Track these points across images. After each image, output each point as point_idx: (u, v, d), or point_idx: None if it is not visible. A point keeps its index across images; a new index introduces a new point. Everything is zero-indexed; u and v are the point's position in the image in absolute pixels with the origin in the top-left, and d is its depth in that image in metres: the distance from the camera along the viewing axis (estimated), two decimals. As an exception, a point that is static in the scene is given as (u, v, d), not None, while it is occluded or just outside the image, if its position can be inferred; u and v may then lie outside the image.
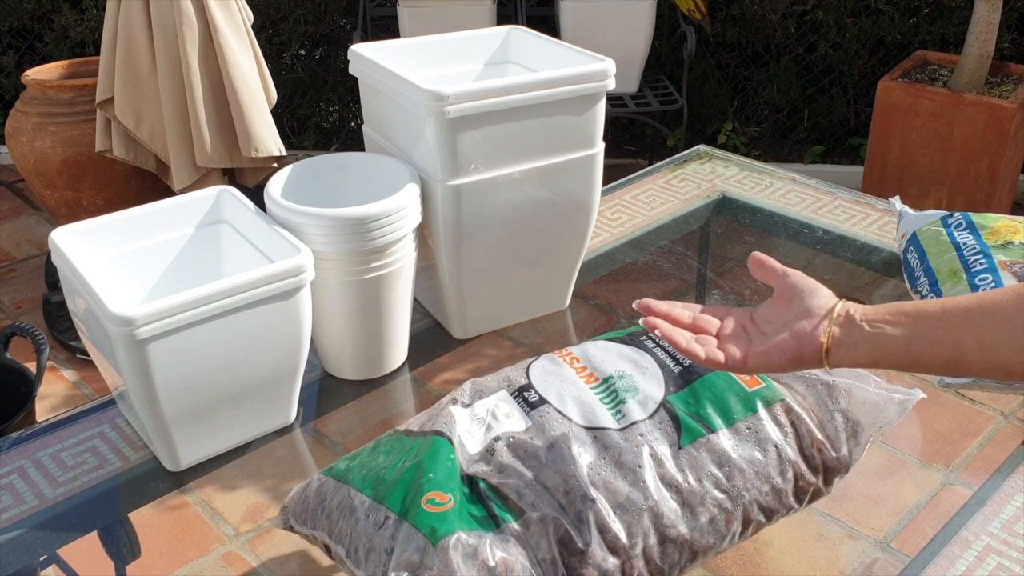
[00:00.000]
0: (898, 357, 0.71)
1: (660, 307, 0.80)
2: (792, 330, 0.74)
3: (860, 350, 0.72)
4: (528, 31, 1.32)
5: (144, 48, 2.35)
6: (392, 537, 0.74)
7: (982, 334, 0.68)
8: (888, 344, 0.71)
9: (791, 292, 0.77)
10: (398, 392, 1.17)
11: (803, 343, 0.73)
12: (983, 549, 0.89)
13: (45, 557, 0.92)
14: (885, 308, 0.73)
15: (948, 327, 0.69)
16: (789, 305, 0.76)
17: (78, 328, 1.05)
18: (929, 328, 0.70)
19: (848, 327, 0.72)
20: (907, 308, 0.72)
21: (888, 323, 0.71)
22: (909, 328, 0.70)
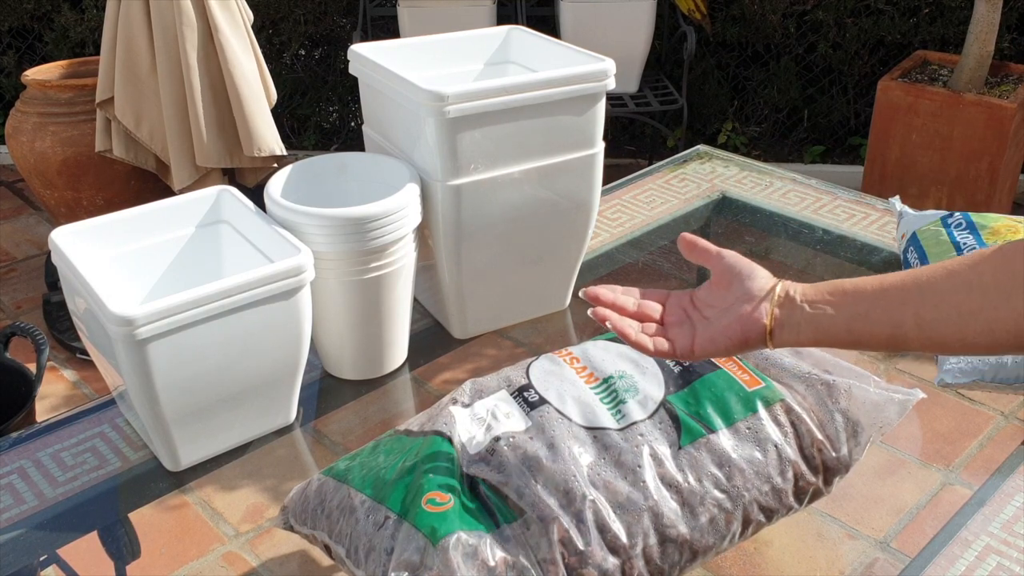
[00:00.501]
0: (839, 337, 0.73)
1: (607, 296, 0.81)
2: (736, 315, 0.75)
3: (803, 331, 0.73)
4: (528, 31, 1.32)
5: (144, 48, 2.35)
6: (392, 537, 0.74)
7: (920, 312, 0.69)
8: (829, 324, 0.72)
9: (729, 275, 0.77)
10: (398, 392, 1.17)
11: (747, 327, 0.74)
12: (983, 549, 0.89)
13: (45, 557, 0.92)
14: (824, 288, 0.73)
15: (886, 306, 0.70)
16: (728, 288, 0.77)
17: (78, 328, 1.05)
18: (868, 307, 0.71)
19: (789, 308, 0.73)
20: (846, 287, 0.72)
21: (828, 303, 0.72)
22: (848, 308, 0.72)
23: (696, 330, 0.77)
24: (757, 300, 0.75)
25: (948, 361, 1.09)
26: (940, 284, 0.69)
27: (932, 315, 0.68)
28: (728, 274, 0.77)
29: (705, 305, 0.78)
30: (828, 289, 0.73)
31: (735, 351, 0.76)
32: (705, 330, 0.76)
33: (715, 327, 0.76)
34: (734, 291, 0.76)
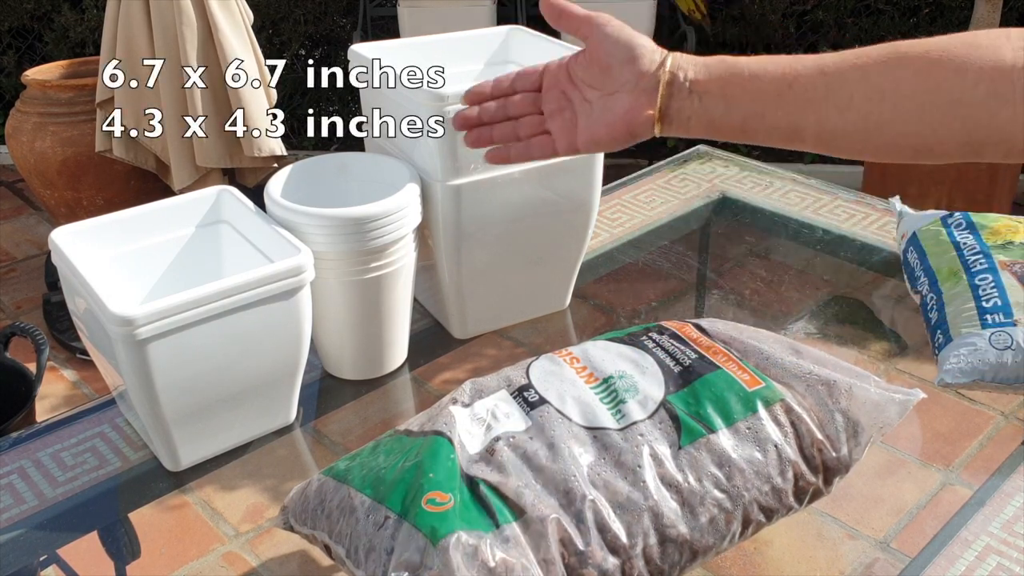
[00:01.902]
0: (731, 133, 0.68)
1: (483, 89, 0.76)
2: (620, 107, 0.69)
3: (692, 124, 0.69)
4: (528, 31, 1.32)
5: (144, 48, 2.35)
6: (392, 537, 0.74)
7: (823, 118, 0.64)
8: (721, 120, 0.67)
9: (610, 54, 0.70)
10: (398, 392, 1.17)
11: (632, 120, 0.69)
12: (983, 549, 0.89)
13: (45, 557, 0.92)
14: (719, 74, 0.67)
15: (788, 109, 0.65)
16: (609, 72, 0.70)
17: (78, 328, 1.05)
18: (765, 107, 0.66)
19: (679, 99, 0.68)
20: (744, 78, 0.66)
21: (723, 97, 0.67)
22: (745, 106, 0.66)
23: (578, 119, 0.71)
24: (642, 91, 0.69)
25: (948, 361, 1.09)
26: (850, 87, 0.63)
27: (836, 123, 0.63)
28: (608, 53, 0.70)
29: (586, 86, 0.72)
30: (723, 77, 0.67)
31: (621, 145, 0.71)
32: (588, 122, 0.71)
33: (598, 120, 0.70)
34: (616, 76, 0.70)
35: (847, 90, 0.63)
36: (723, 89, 0.67)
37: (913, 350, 1.21)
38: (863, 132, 0.63)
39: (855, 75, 0.63)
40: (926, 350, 1.18)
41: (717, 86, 0.67)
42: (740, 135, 0.68)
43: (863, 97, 0.62)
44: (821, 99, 0.64)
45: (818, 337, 1.24)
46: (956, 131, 0.61)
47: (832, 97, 0.63)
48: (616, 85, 0.70)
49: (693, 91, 0.68)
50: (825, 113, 0.63)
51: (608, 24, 0.71)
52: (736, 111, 0.67)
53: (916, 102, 0.61)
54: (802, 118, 0.64)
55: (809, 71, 0.64)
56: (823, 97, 0.64)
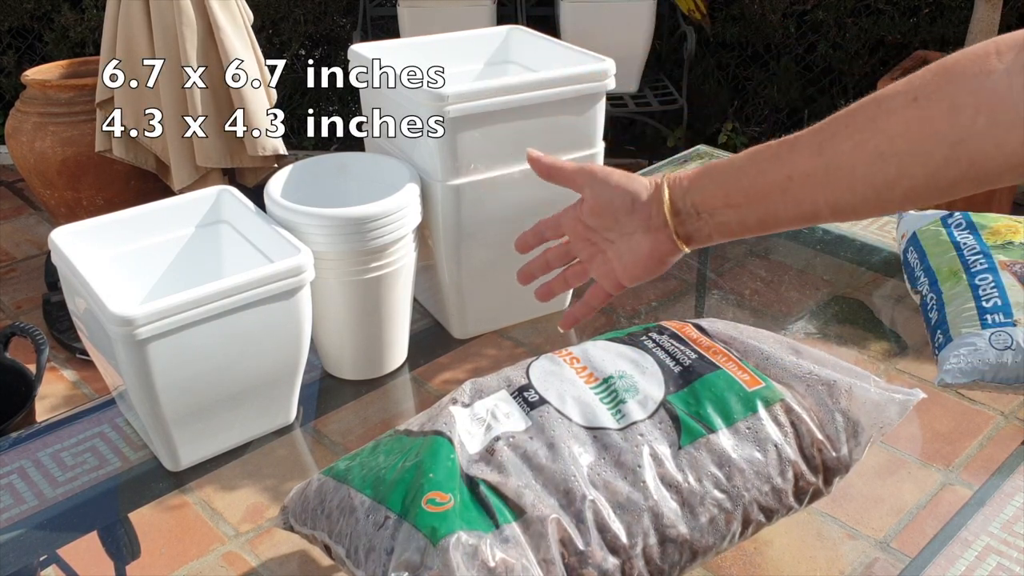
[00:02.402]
0: (751, 232, 0.69)
1: (535, 269, 0.81)
2: (641, 246, 0.72)
3: (716, 237, 0.70)
4: (528, 31, 1.32)
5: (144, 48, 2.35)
6: (392, 537, 0.73)
7: (832, 198, 0.63)
8: (738, 227, 0.69)
9: (610, 207, 0.73)
10: (398, 392, 1.17)
11: (661, 254, 0.72)
12: (983, 549, 0.89)
13: (45, 557, 0.92)
14: (721, 190, 0.68)
15: (796, 199, 0.65)
16: (615, 220, 0.73)
17: (78, 328, 1.05)
18: (775, 205, 0.66)
19: (692, 223, 0.70)
20: (745, 188, 0.66)
21: (732, 208, 0.68)
22: (755, 209, 0.67)
23: (613, 263, 0.74)
24: (655, 228, 0.71)
25: (948, 361, 1.09)
26: (848, 159, 0.61)
27: (846, 197, 0.62)
28: (609, 204, 0.73)
29: (604, 231, 0.74)
30: (723, 189, 0.67)
31: (660, 272, 0.74)
32: (621, 263, 0.73)
33: (630, 261, 0.73)
34: (625, 223, 0.72)
35: (846, 164, 0.61)
36: (727, 201, 0.67)
37: (913, 350, 1.21)
38: (875, 196, 0.61)
39: (848, 146, 0.61)
40: (926, 350, 1.18)
41: (721, 201, 0.68)
42: (764, 230, 0.68)
43: (864, 166, 0.61)
44: (823, 181, 0.63)
45: (818, 337, 1.24)
46: (966, 169, 0.58)
47: (833, 175, 0.62)
48: (630, 229, 0.72)
49: (701, 212, 0.69)
50: (833, 192, 0.63)
51: (597, 175, 0.73)
52: (749, 216, 0.67)
53: (917, 154, 0.59)
54: (813, 204, 0.64)
55: (804, 157, 0.63)
56: (825, 179, 0.62)
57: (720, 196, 0.68)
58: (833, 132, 0.62)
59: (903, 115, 0.59)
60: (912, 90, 0.59)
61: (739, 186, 0.67)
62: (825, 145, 0.62)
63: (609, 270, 0.75)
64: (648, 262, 0.73)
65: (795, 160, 0.64)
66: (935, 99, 0.58)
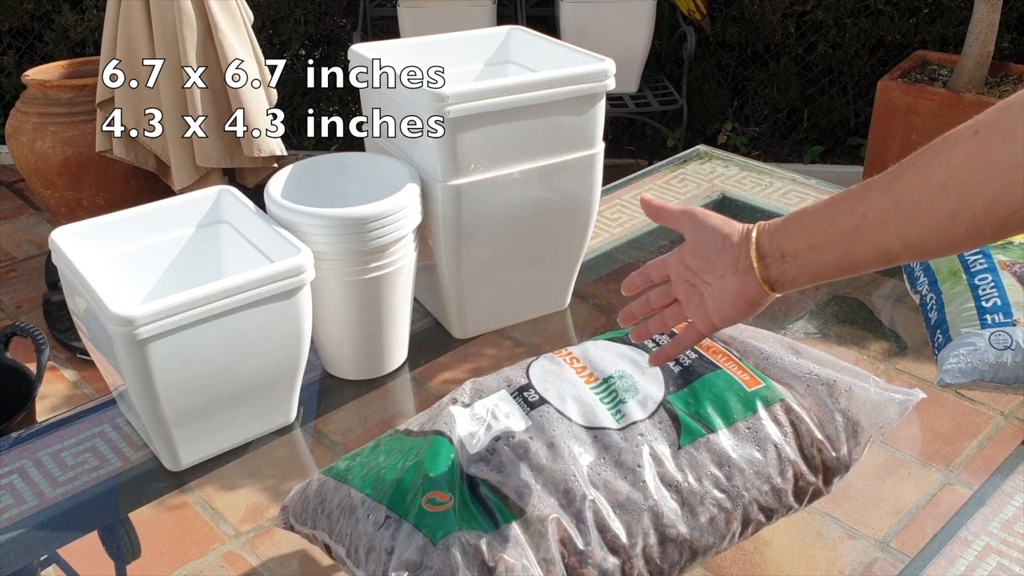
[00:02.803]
0: (832, 275, 0.72)
1: (636, 309, 0.84)
2: (733, 288, 0.75)
3: (799, 280, 0.73)
4: (528, 31, 1.32)
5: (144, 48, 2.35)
6: (392, 537, 0.74)
7: (902, 231, 0.66)
8: (820, 270, 0.71)
9: (705, 247, 0.77)
10: (398, 392, 1.17)
11: (749, 296, 0.75)
12: (983, 549, 0.89)
13: (45, 557, 0.92)
14: (801, 236, 0.71)
15: (870, 238, 0.67)
16: (709, 261, 0.77)
17: (78, 328, 1.05)
18: (852, 245, 0.69)
19: (777, 266, 0.73)
20: (825, 228, 0.70)
21: (813, 250, 0.71)
22: (834, 251, 0.70)
23: (707, 303, 0.77)
24: (743, 271, 0.74)
25: (948, 361, 1.09)
26: (914, 195, 0.64)
27: (915, 230, 0.65)
28: (704, 244, 0.77)
29: (702, 272, 0.78)
30: (807, 232, 0.71)
31: (750, 315, 0.77)
32: (715, 304, 0.77)
33: (722, 302, 0.76)
34: (717, 264, 0.76)
35: (912, 198, 0.64)
36: (809, 243, 0.71)
37: (913, 350, 1.21)
38: (940, 229, 0.63)
39: (915, 180, 0.64)
40: (926, 350, 1.18)
41: (804, 244, 0.71)
42: (842, 274, 0.72)
43: (928, 199, 0.63)
44: (894, 217, 0.65)
45: (818, 337, 1.24)
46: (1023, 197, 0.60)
47: (902, 211, 0.65)
48: (721, 270, 0.76)
49: (785, 256, 0.72)
50: (902, 227, 0.65)
51: (696, 216, 0.77)
52: (828, 256, 0.70)
53: (975, 182, 0.61)
54: (886, 240, 0.67)
55: (876, 195, 0.67)
56: (895, 215, 0.65)
57: (803, 239, 0.71)
58: (903, 170, 0.65)
59: (964, 147, 0.62)
60: (975, 124, 0.62)
61: (819, 227, 0.70)
62: (895, 182, 0.65)
63: (704, 311, 0.78)
64: (736, 303, 0.76)
65: (869, 198, 0.67)
66: (993, 129, 0.60)
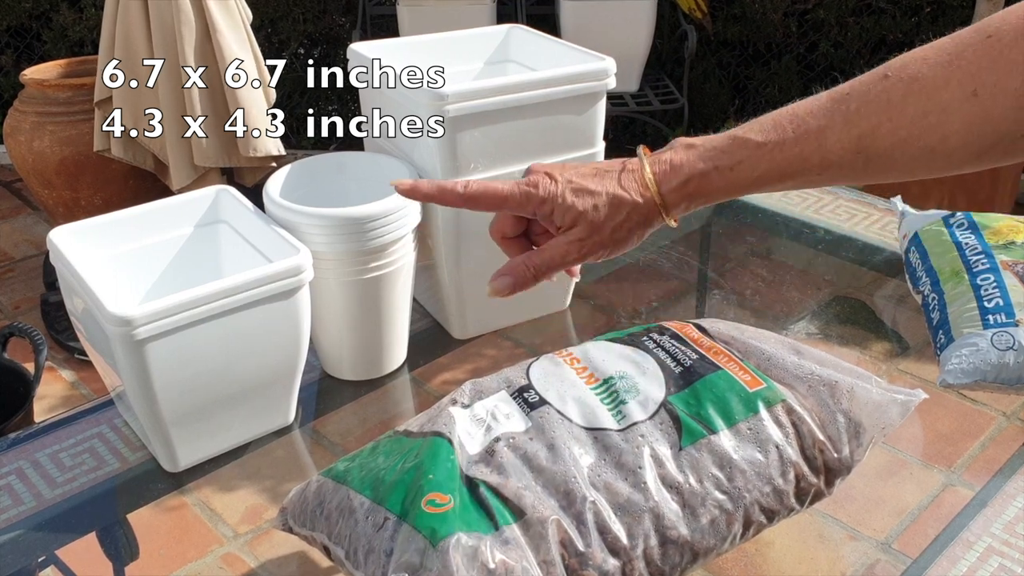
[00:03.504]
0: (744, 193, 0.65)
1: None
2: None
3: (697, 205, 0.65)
4: (528, 30, 1.32)
5: (143, 48, 2.35)
6: (392, 538, 0.73)
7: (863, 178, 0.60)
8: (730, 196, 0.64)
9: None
10: (397, 393, 1.16)
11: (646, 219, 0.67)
12: (985, 550, 0.89)
13: (43, 558, 0.92)
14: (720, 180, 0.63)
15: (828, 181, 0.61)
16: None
17: (76, 328, 1.04)
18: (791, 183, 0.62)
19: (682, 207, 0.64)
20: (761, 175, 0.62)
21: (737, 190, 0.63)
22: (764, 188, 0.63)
23: None
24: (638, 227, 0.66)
25: (950, 361, 1.09)
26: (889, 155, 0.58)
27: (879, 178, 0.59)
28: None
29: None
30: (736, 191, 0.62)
31: None
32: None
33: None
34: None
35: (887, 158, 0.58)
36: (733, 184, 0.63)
37: (915, 350, 1.21)
38: (911, 176, 0.58)
39: (891, 140, 0.57)
40: (928, 350, 1.17)
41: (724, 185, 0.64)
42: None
43: (910, 159, 0.57)
44: (857, 170, 0.59)
45: (820, 337, 1.23)
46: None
47: (872, 165, 0.59)
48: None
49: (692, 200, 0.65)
50: (871, 176, 0.59)
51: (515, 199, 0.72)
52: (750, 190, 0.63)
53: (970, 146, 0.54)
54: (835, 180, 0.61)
55: (837, 151, 0.59)
56: (860, 168, 0.59)
57: (727, 198, 0.64)
58: (874, 127, 0.58)
59: (962, 111, 0.55)
60: (971, 79, 0.54)
61: (759, 186, 0.63)
62: (865, 141, 0.59)
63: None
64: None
65: (828, 157, 0.60)
66: (995, 90, 0.53)
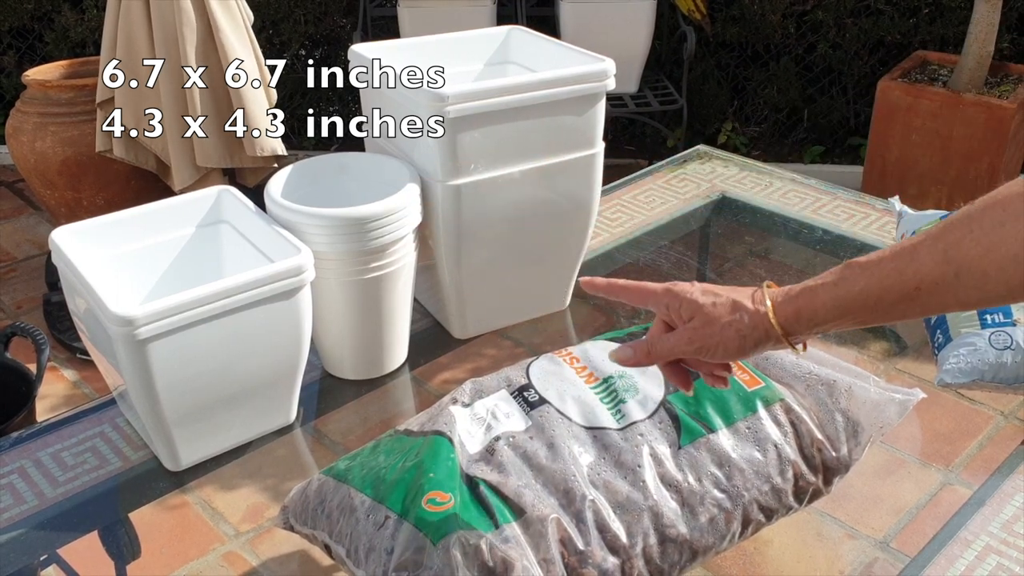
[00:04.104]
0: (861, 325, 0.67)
1: None
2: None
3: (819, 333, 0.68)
4: (528, 31, 1.32)
5: (144, 48, 2.35)
6: (392, 537, 0.74)
7: (963, 298, 0.63)
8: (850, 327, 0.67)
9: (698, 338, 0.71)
10: (398, 392, 1.17)
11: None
12: (983, 549, 0.89)
13: (45, 557, 0.92)
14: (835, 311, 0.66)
15: (926, 305, 0.64)
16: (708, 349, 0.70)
17: (78, 328, 1.05)
18: (904, 312, 0.65)
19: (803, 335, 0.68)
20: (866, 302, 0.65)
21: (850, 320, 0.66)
22: (880, 318, 0.66)
23: None
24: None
25: (948, 361, 1.09)
26: (979, 266, 0.60)
27: (977, 296, 0.62)
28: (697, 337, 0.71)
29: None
30: (841, 311, 0.66)
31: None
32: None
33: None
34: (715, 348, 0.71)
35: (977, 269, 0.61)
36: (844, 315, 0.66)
37: (913, 350, 1.21)
38: (1009, 294, 0.61)
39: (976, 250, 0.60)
40: (926, 350, 1.18)
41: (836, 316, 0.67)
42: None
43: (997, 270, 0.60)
44: (954, 286, 0.62)
45: (818, 337, 1.23)
46: None
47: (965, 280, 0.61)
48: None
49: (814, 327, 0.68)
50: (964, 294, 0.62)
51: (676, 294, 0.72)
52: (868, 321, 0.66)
53: None
54: (942, 305, 0.64)
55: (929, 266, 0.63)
56: (955, 283, 0.62)
57: (836, 313, 0.67)
58: (958, 239, 0.62)
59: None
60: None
61: (859, 302, 0.66)
62: (951, 252, 0.62)
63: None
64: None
65: (920, 269, 0.63)
66: None
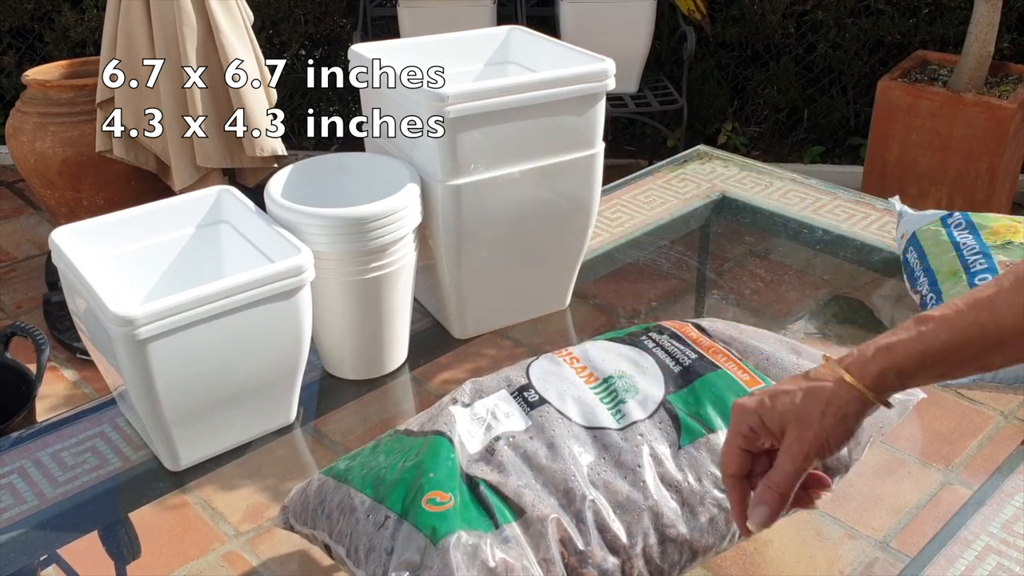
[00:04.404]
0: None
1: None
2: None
3: None
4: (528, 31, 1.32)
5: (144, 48, 2.35)
6: (392, 537, 0.74)
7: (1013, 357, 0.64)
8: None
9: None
10: (398, 392, 1.17)
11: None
12: (983, 549, 0.89)
13: (45, 557, 0.92)
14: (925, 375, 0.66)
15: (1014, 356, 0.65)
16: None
17: (78, 328, 1.05)
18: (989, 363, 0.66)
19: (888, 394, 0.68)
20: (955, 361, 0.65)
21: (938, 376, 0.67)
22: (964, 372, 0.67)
23: None
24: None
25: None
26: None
27: None
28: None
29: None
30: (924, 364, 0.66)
31: None
32: None
33: None
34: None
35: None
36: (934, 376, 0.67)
37: (913, 350, 1.21)
38: None
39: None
40: (926, 350, 1.17)
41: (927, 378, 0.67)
42: None
43: None
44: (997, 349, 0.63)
45: (818, 337, 1.24)
46: None
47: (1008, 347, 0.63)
48: None
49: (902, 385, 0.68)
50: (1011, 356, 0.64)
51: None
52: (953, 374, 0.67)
53: None
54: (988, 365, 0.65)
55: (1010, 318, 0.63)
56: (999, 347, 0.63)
57: (922, 374, 0.67)
58: (1002, 300, 0.64)
59: None
60: None
61: (944, 359, 0.66)
62: (994, 318, 0.64)
63: None
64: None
65: (1002, 323, 0.64)
66: None
